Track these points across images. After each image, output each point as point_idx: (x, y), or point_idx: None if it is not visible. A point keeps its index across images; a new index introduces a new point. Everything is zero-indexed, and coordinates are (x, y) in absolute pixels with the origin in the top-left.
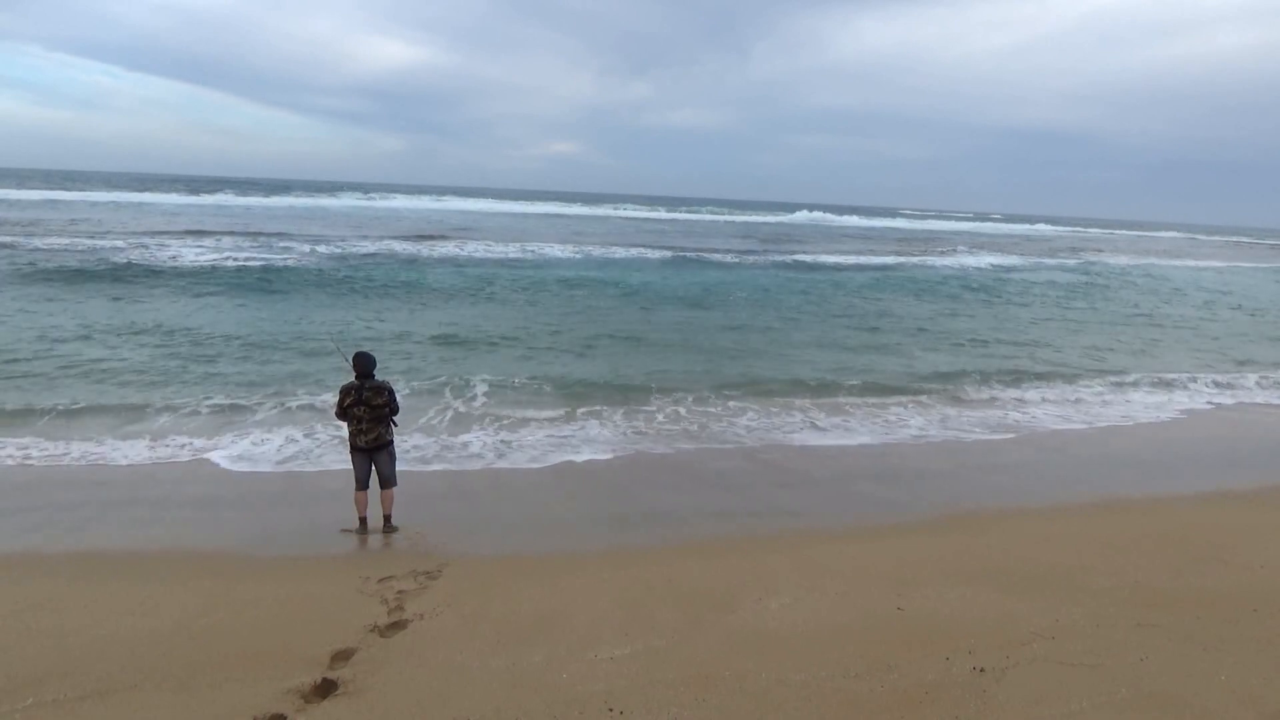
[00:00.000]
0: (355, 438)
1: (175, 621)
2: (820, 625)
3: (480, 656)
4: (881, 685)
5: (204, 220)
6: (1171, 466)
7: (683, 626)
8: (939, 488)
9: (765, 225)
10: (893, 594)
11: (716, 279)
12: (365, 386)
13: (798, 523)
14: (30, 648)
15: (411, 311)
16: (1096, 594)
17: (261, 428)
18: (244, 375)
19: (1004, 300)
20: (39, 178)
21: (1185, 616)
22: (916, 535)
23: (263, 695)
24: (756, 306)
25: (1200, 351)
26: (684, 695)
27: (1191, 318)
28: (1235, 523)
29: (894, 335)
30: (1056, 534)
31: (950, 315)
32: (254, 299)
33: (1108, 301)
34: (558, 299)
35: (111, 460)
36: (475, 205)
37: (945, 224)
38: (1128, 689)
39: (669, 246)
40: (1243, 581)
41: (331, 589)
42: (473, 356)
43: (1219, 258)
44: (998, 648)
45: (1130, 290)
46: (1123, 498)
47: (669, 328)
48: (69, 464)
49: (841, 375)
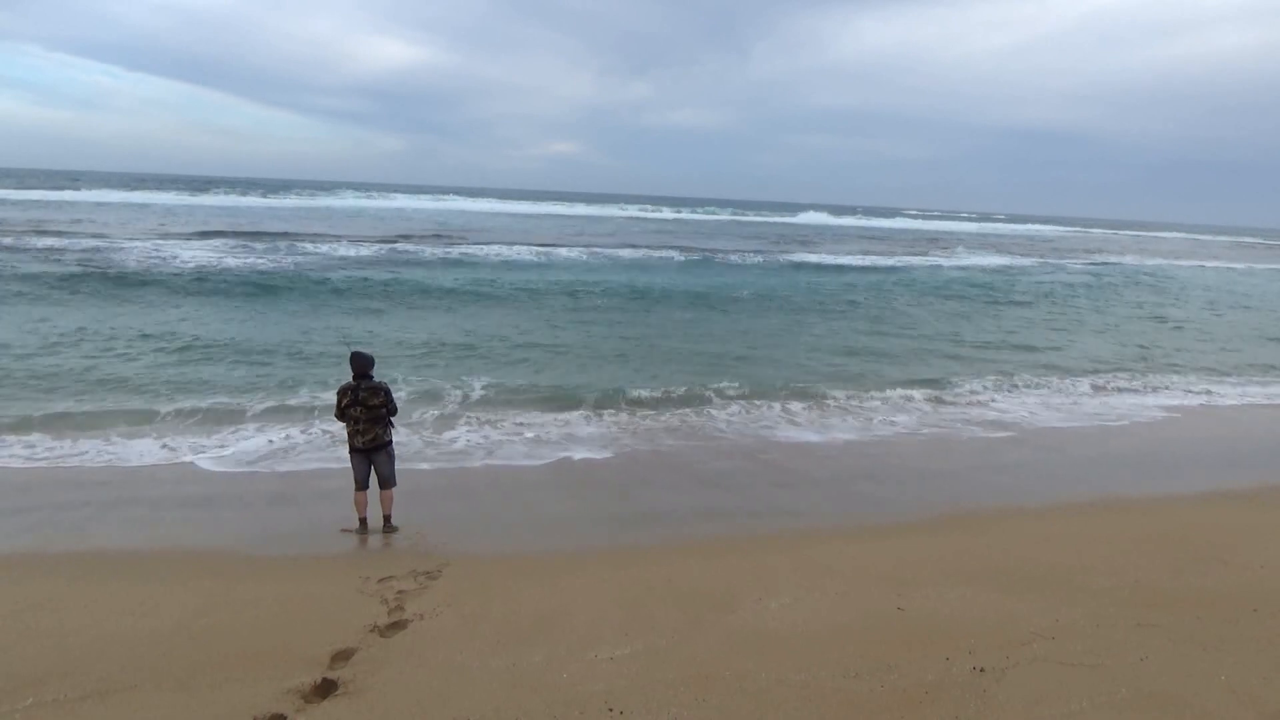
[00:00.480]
0: (353, 438)
1: (175, 621)
2: (820, 625)
3: (480, 656)
4: (881, 685)
5: (203, 220)
6: (1171, 466)
7: (683, 626)
8: (939, 488)
9: (770, 225)
10: (893, 594)
11: (729, 281)
12: (362, 387)
13: (797, 522)
14: (30, 648)
15: (411, 312)
16: (1096, 594)
17: (262, 428)
18: (244, 375)
19: (1021, 302)
20: (39, 178)
21: (1185, 616)
22: (916, 535)
23: (263, 695)
24: (765, 308)
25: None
26: (684, 695)
27: (1242, 322)
28: (1235, 523)
29: (909, 339)
30: (1056, 534)
31: (963, 316)
32: (254, 299)
33: (1138, 306)
34: (564, 300)
35: (111, 460)
36: (478, 205)
37: (949, 225)
38: (1128, 689)
39: (676, 247)
40: (1243, 581)
41: (331, 589)
42: (474, 358)
43: (1228, 258)
44: (998, 648)
45: (1154, 292)
46: (1123, 498)
47: (674, 328)
48: (69, 464)
49: (852, 376)
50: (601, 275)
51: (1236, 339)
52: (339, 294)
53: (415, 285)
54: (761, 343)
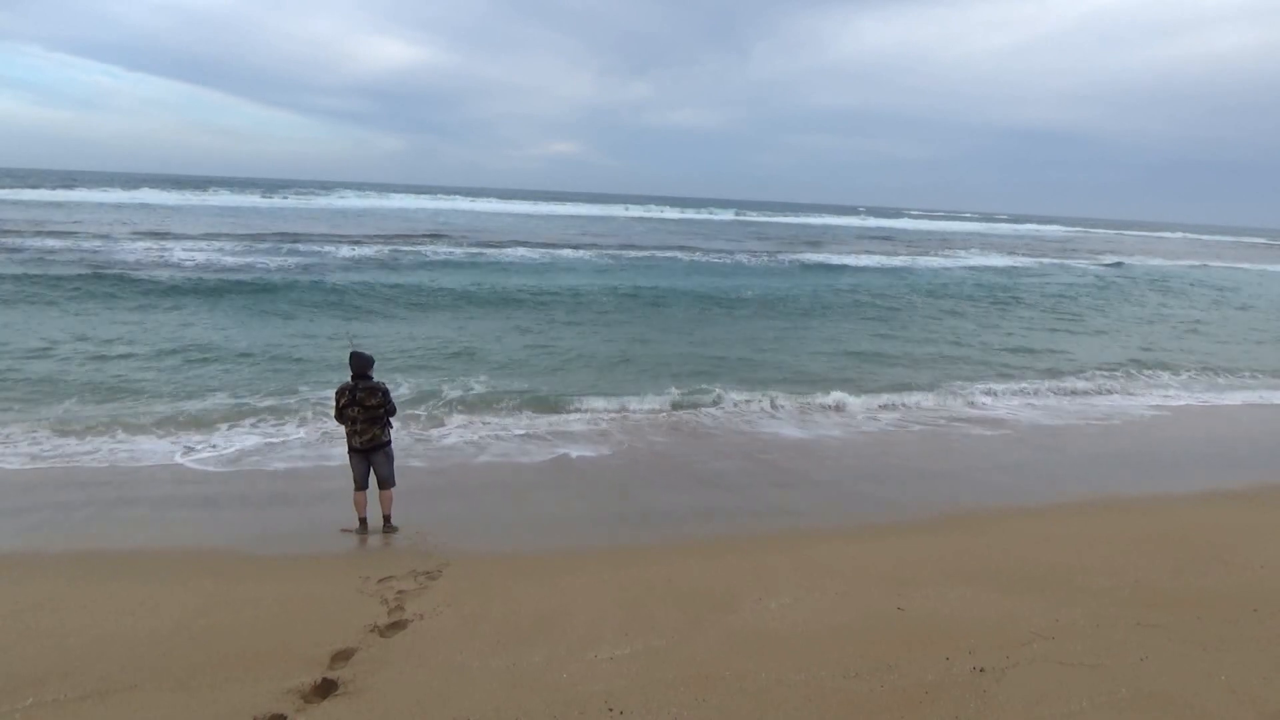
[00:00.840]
0: (351, 438)
1: (175, 621)
2: (820, 625)
3: (480, 656)
4: (881, 685)
5: (203, 220)
6: (1171, 466)
7: (683, 626)
8: (938, 487)
9: (774, 226)
10: (893, 594)
11: (734, 283)
12: (359, 387)
13: (797, 522)
14: (30, 648)
15: (411, 314)
16: (1096, 594)
17: (262, 428)
18: (245, 375)
19: (1030, 304)
20: (38, 178)
21: (1185, 616)
22: (916, 535)
23: (263, 695)
24: (770, 310)
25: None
26: (684, 695)
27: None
28: (1235, 523)
29: (916, 341)
30: (1056, 534)
31: (958, 314)
32: (254, 299)
33: (1161, 306)
34: (567, 301)
35: (112, 460)
36: (479, 206)
37: (953, 225)
38: (1128, 689)
39: (680, 247)
40: (1243, 581)
41: (331, 589)
42: (474, 359)
43: (1230, 258)
44: (998, 648)
45: (1162, 292)
46: (1123, 497)
47: (677, 329)
48: (69, 464)
49: (855, 377)
50: (605, 279)
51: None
52: (338, 294)
53: (415, 286)
54: (767, 344)
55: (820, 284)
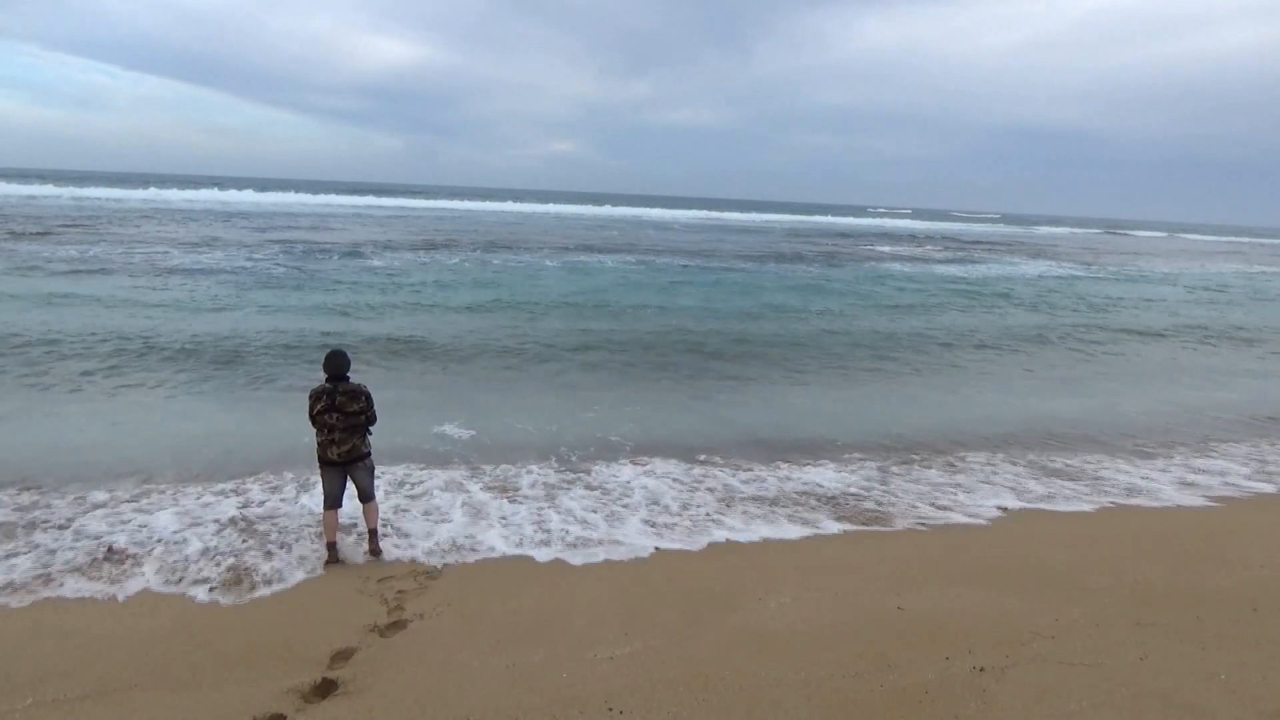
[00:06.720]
0: (326, 449)
1: (175, 621)
2: (820, 625)
3: (480, 656)
4: (881, 685)
5: (202, 219)
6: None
7: (683, 626)
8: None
9: (800, 225)
10: (893, 594)
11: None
12: (339, 390)
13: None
14: (30, 648)
15: (411, 314)
16: (1096, 594)
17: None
18: (245, 374)
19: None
20: (37, 177)
21: (1185, 616)
22: (917, 535)
23: (263, 695)
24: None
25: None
26: (684, 695)
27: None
28: (1235, 523)
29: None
30: (1056, 534)
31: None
32: (254, 300)
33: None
34: (569, 303)
35: None
36: (478, 206)
37: (968, 226)
38: (1128, 689)
39: (699, 252)
40: (1243, 581)
41: (331, 589)
42: (476, 358)
43: (1266, 262)
44: (998, 648)
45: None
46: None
47: (681, 327)
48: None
49: (867, 378)
50: (621, 293)
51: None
52: (340, 294)
53: (415, 286)
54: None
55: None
